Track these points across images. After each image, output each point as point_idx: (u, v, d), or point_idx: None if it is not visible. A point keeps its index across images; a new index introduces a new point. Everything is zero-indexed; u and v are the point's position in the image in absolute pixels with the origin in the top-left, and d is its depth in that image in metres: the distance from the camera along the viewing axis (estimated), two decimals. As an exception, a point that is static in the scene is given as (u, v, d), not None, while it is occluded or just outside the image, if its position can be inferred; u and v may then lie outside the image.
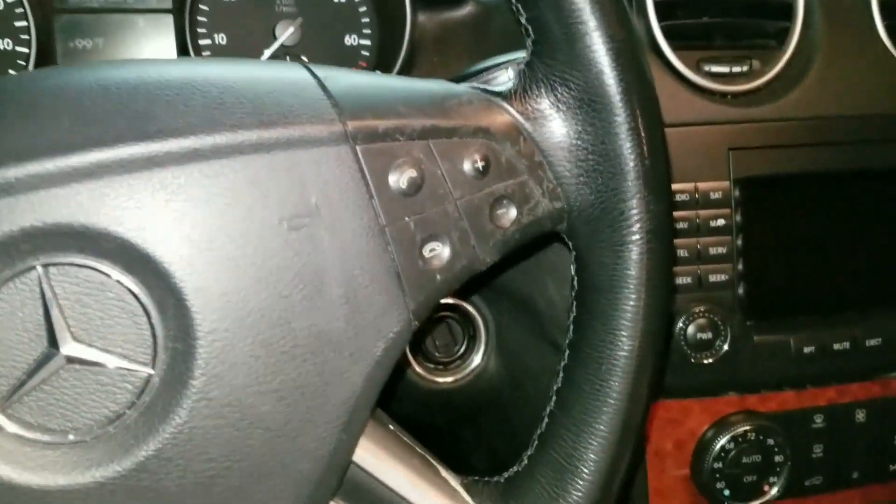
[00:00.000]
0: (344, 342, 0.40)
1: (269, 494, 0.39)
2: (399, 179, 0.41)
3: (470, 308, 0.79)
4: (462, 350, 0.80)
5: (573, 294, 0.47)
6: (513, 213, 0.44)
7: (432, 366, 0.78)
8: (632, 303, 0.44)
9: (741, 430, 0.74)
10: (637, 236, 0.43)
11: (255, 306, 0.38)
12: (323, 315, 0.39)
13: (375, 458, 0.44)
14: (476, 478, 0.48)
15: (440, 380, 0.79)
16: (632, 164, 0.43)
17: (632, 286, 0.44)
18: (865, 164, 0.74)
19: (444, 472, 0.47)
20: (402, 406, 0.78)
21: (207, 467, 0.38)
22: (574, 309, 0.47)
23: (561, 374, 0.47)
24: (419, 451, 0.47)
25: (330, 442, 0.40)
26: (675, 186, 0.70)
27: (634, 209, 0.43)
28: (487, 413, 0.81)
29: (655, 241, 0.44)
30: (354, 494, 0.44)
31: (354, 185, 0.40)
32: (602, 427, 0.45)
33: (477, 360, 0.80)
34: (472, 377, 0.80)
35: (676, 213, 0.70)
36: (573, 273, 0.47)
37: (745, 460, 0.75)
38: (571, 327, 0.47)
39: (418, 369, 0.78)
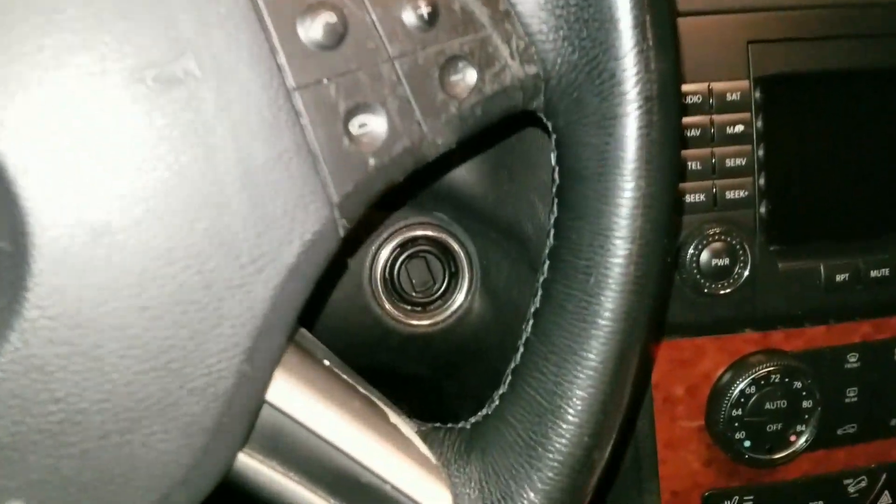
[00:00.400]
0: (241, 245, 0.30)
1: (145, 447, 0.30)
2: (312, 27, 0.30)
3: (450, 240, 0.69)
4: (442, 289, 0.70)
5: (554, 190, 0.37)
6: (471, 78, 0.33)
7: (408, 307, 0.69)
8: (627, 193, 0.34)
9: (763, 371, 0.64)
10: (635, 105, 0.33)
11: (109, 195, 0.28)
12: (210, 209, 0.29)
13: (302, 400, 0.35)
14: (437, 424, 0.39)
15: (417, 323, 0.69)
16: (628, 6, 0.32)
17: (627, 172, 0.34)
18: (909, 60, 0.63)
19: (394, 417, 0.37)
20: (374, 354, 0.68)
21: (52, 411, 0.28)
22: (555, 208, 0.36)
23: (539, 293, 0.37)
24: (362, 390, 0.37)
25: (227, 376, 0.30)
26: (685, 87, 0.60)
27: (631, 68, 0.33)
28: (473, 360, 0.72)
29: (659, 112, 0.33)
30: (274, 446, 0.34)
31: (249, 32, 0.29)
32: (591, 356, 0.35)
33: (459, 299, 0.70)
34: (455, 320, 0.70)
35: (686, 119, 0.59)
36: (553, 163, 0.37)
37: (767, 406, 0.65)
38: (552, 232, 0.37)
39: (392, 310, 0.68)
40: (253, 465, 0.34)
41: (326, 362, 0.37)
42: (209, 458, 0.31)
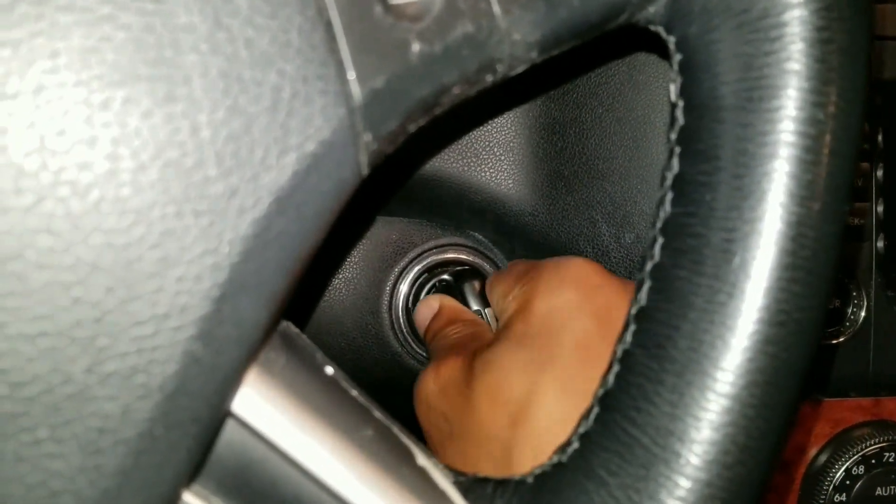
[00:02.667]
0: (204, 151, 0.19)
1: (16, 468, 0.18)
2: None
3: (487, 267, 0.57)
4: (476, 327, 0.57)
5: (673, 136, 0.25)
6: (568, -55, 0.23)
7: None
8: (795, 129, 0.22)
9: (874, 448, 0.51)
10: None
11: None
12: (156, 86, 0.18)
13: (288, 418, 0.23)
14: (482, 475, 0.26)
15: (444, 366, 0.56)
16: None
17: (796, 97, 0.22)
18: None
19: (422, 459, 0.25)
20: (388, 396, 0.56)
21: None
22: (675, 161, 0.25)
23: (646, 285, 0.25)
24: (378, 415, 0.25)
25: (167, 358, 0.19)
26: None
27: (809, -62, 0.22)
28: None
29: (846, 6, 0.22)
30: (240, 486, 0.22)
31: None
32: (731, 377, 0.23)
33: (496, 340, 0.57)
34: (489, 364, 0.58)
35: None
36: (673, 97, 0.25)
37: (879, 493, 0.52)
38: (668, 196, 0.25)
39: (414, 347, 0.56)
40: (203, 514, 0.22)
41: (329, 370, 0.25)
42: (130, 499, 0.19)
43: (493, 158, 0.53)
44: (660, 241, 0.25)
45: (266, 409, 0.22)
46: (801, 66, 0.22)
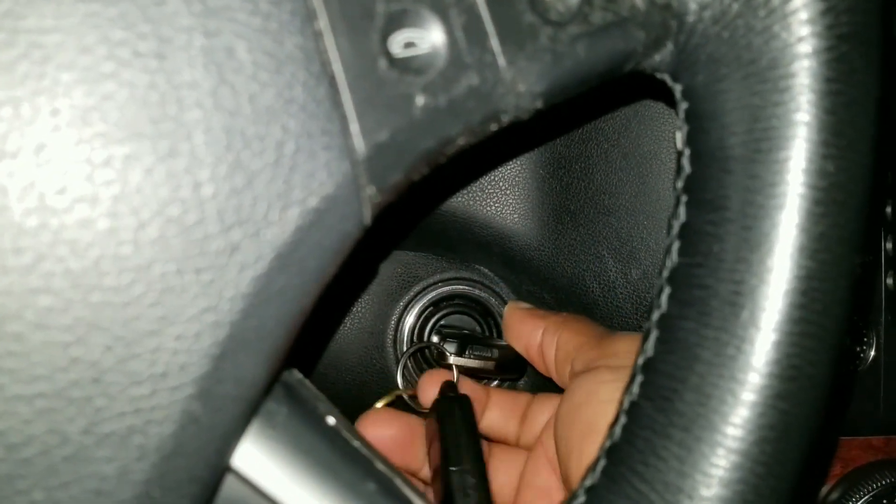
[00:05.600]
0: (206, 206, 0.19)
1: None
2: None
3: (493, 301, 0.57)
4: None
5: (679, 185, 0.25)
6: (573, -3, 0.23)
7: (439, 380, 0.56)
8: (805, 181, 0.22)
9: (886, 485, 0.50)
10: (823, 44, 0.22)
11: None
12: (158, 142, 0.18)
13: (290, 473, 0.22)
14: (487, 528, 0.26)
15: (449, 401, 0.56)
16: None
17: (805, 149, 0.22)
18: None
19: (426, 513, 0.25)
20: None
21: None
22: (681, 210, 0.25)
23: (653, 335, 0.25)
24: (381, 467, 0.25)
25: (165, 419, 0.18)
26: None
27: (816, -11, 0.22)
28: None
29: (858, 58, 0.22)
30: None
31: None
32: (740, 432, 0.22)
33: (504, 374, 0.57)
34: (495, 399, 0.57)
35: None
36: (679, 145, 0.25)
37: (893, 534, 0.51)
38: (675, 245, 0.25)
39: (399, 381, 0.55)
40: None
41: (331, 420, 0.25)
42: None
43: (499, 192, 0.53)
44: (667, 290, 0.25)
45: (267, 464, 0.22)
46: (810, 118, 0.22)
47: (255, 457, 0.22)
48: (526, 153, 0.52)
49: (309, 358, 0.52)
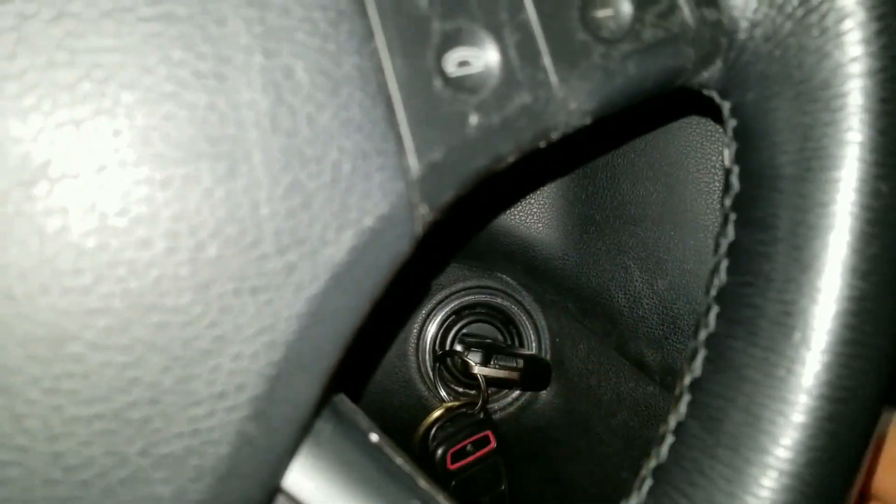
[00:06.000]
0: (262, 228, 0.18)
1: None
2: None
3: (515, 310, 0.57)
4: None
5: (728, 203, 0.25)
6: (626, 14, 0.22)
7: (461, 389, 0.56)
8: (857, 200, 0.22)
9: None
10: (877, 64, 0.22)
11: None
12: (212, 165, 0.18)
13: (337, 492, 0.22)
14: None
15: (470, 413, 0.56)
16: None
17: (858, 168, 0.22)
18: None
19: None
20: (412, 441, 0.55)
21: None
22: (730, 229, 0.25)
23: (700, 354, 0.24)
24: (423, 485, 0.25)
25: (221, 440, 0.18)
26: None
27: (872, 8, 0.22)
28: (535, 461, 0.58)
29: (913, 77, 0.22)
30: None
31: None
32: (788, 454, 0.22)
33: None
34: (516, 409, 0.57)
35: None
36: (728, 163, 0.25)
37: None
38: (724, 264, 0.25)
39: (441, 391, 0.55)
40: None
41: (374, 437, 0.25)
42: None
43: (524, 201, 0.53)
44: (714, 309, 0.24)
45: (315, 485, 0.22)
46: (863, 138, 0.22)
47: (303, 477, 0.22)
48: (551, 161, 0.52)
49: (357, 378, 0.52)
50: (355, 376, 0.52)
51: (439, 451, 0.51)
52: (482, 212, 0.50)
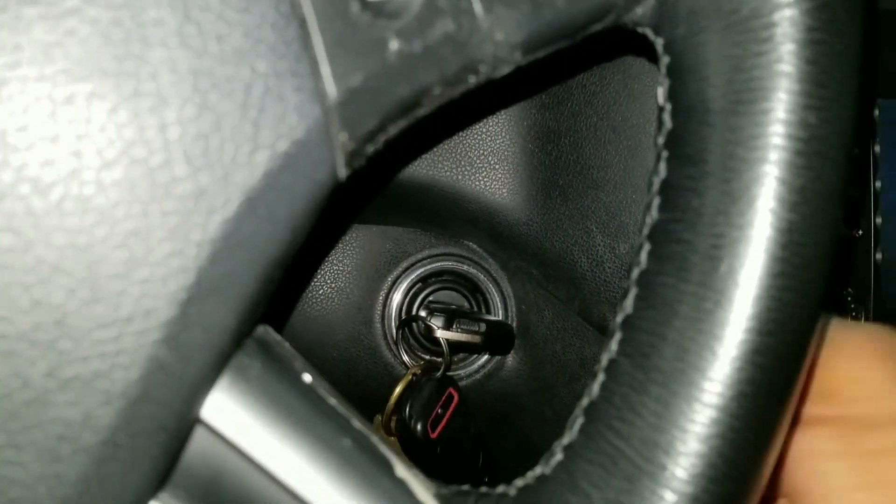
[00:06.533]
0: (171, 146, 0.18)
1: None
2: None
3: (481, 277, 0.57)
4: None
5: (661, 140, 0.25)
6: (552, -57, 0.22)
7: (427, 356, 0.56)
8: (783, 131, 0.22)
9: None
10: (803, -8, 0.21)
11: None
12: (122, 80, 0.18)
13: (262, 427, 0.22)
14: (463, 487, 0.26)
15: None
16: None
17: (785, 100, 0.22)
18: None
19: (401, 470, 0.24)
20: (379, 408, 0.55)
21: None
22: (661, 166, 0.24)
23: (632, 292, 0.24)
24: (357, 425, 0.24)
25: (130, 363, 0.18)
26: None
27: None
28: (502, 425, 0.58)
29: (839, 6, 0.22)
30: (209, 497, 0.22)
31: None
32: (718, 387, 0.22)
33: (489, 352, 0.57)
34: (482, 376, 0.57)
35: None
36: (661, 100, 0.25)
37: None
38: (656, 201, 0.24)
39: (407, 359, 0.55)
40: (170, 526, 0.21)
41: (307, 378, 0.24)
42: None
43: (488, 167, 0.52)
44: (646, 247, 0.24)
45: (238, 417, 0.21)
46: (791, 68, 0.22)
47: (226, 409, 0.21)
48: (515, 127, 0.51)
49: (283, 318, 0.52)
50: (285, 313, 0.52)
51: (419, 427, 0.51)
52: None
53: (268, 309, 0.23)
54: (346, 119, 0.20)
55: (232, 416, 0.21)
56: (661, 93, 0.25)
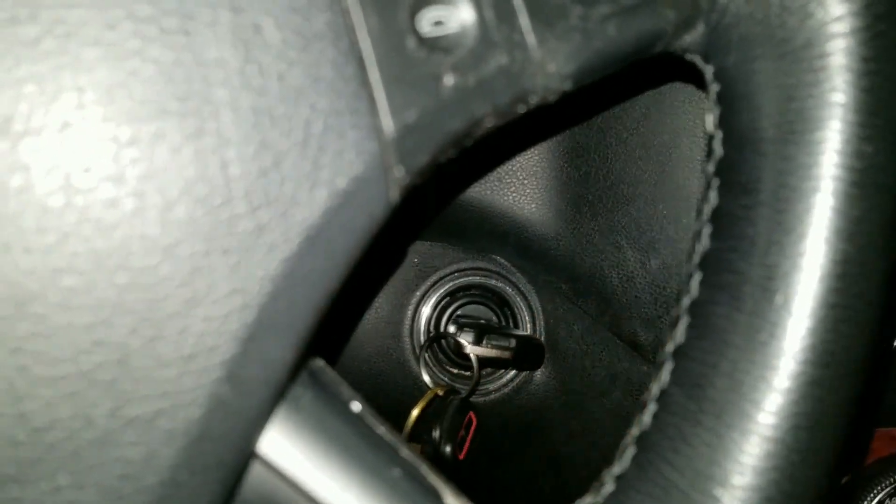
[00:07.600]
0: (232, 188, 0.18)
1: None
2: None
3: (509, 291, 0.56)
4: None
5: (711, 168, 0.25)
6: (604, -26, 0.22)
7: (455, 370, 0.56)
8: (840, 162, 0.22)
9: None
10: (860, 23, 0.21)
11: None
12: (182, 123, 0.18)
13: (315, 460, 0.22)
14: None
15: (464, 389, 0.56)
16: None
17: (842, 130, 0.22)
18: None
19: (451, 499, 0.24)
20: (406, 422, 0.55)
21: None
22: (713, 194, 0.24)
23: (683, 321, 0.24)
24: (405, 455, 0.24)
25: (193, 402, 0.18)
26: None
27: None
28: (530, 441, 0.58)
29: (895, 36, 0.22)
30: (263, 531, 0.22)
31: None
32: (772, 419, 0.22)
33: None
34: (510, 390, 0.57)
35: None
36: (711, 127, 0.25)
37: (913, 528, 0.50)
38: (706, 230, 0.24)
39: (435, 372, 0.55)
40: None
41: (356, 406, 0.24)
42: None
43: (517, 182, 0.52)
44: (697, 276, 0.24)
45: (292, 450, 0.21)
46: (846, 98, 0.21)
47: (280, 443, 0.21)
48: (545, 143, 0.51)
49: (332, 345, 0.52)
50: (335, 342, 0.52)
51: (448, 449, 0.50)
52: (464, 178, 0.50)
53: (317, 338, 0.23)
54: (402, 154, 0.20)
55: (286, 449, 0.21)
56: (709, 120, 0.25)
